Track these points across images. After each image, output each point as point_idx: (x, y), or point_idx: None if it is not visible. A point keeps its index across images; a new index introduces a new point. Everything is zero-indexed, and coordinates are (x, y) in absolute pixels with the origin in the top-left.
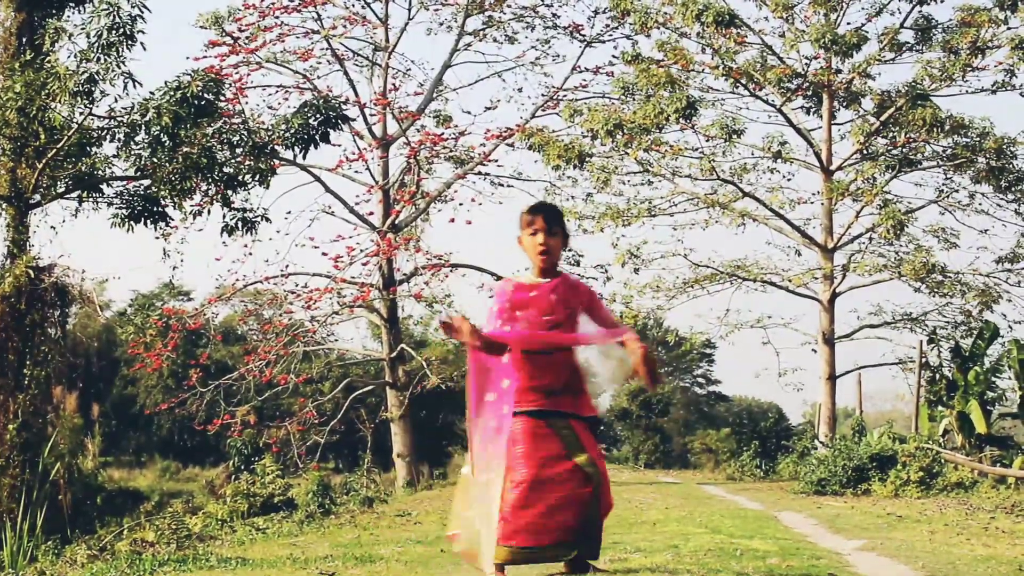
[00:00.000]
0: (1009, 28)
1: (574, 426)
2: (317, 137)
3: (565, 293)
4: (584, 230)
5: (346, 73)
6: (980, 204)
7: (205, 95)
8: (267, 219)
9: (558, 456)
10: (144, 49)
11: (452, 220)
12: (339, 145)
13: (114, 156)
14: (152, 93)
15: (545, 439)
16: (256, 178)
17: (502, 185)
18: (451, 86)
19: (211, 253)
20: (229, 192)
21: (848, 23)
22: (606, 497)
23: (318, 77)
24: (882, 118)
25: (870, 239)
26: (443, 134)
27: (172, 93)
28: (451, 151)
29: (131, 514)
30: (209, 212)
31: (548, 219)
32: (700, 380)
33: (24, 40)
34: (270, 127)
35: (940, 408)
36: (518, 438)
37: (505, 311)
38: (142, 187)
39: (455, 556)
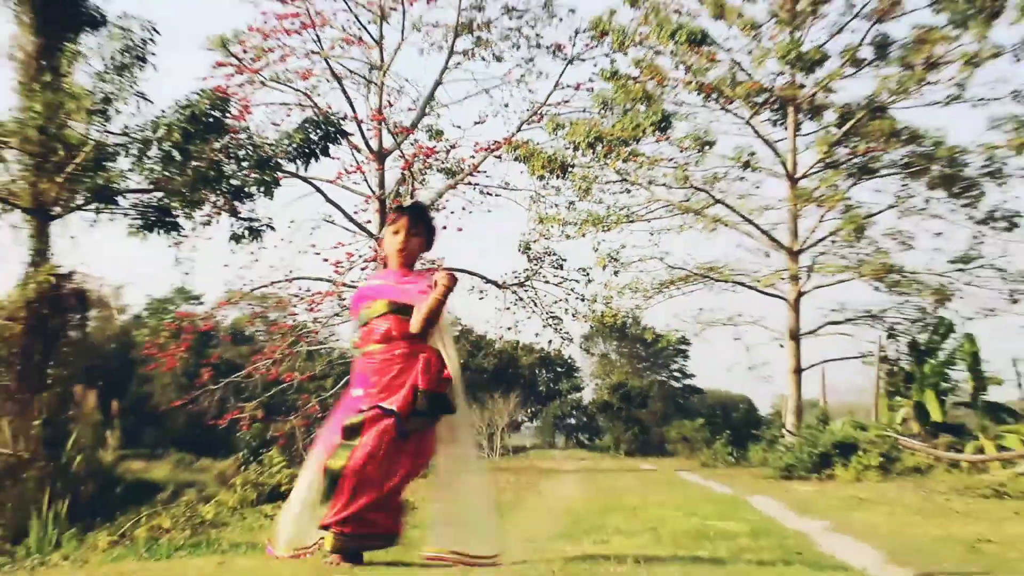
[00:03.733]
0: (960, 45)
1: (365, 418)
2: (318, 151)
3: (396, 288)
4: (567, 235)
5: (344, 91)
6: (934, 209)
7: (213, 112)
8: (272, 228)
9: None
10: (155, 70)
11: (444, 227)
12: (338, 158)
13: (129, 170)
14: (163, 111)
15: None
16: (261, 189)
17: (490, 194)
18: (442, 102)
19: (220, 260)
20: (236, 203)
21: (811, 41)
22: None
23: (318, 95)
24: (843, 129)
25: (833, 242)
26: (435, 147)
27: (182, 111)
28: (443, 163)
29: (148, 503)
30: (218, 221)
31: (412, 222)
32: (676, 374)
33: (43, 62)
34: (274, 142)
35: (898, 398)
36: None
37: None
38: (155, 199)
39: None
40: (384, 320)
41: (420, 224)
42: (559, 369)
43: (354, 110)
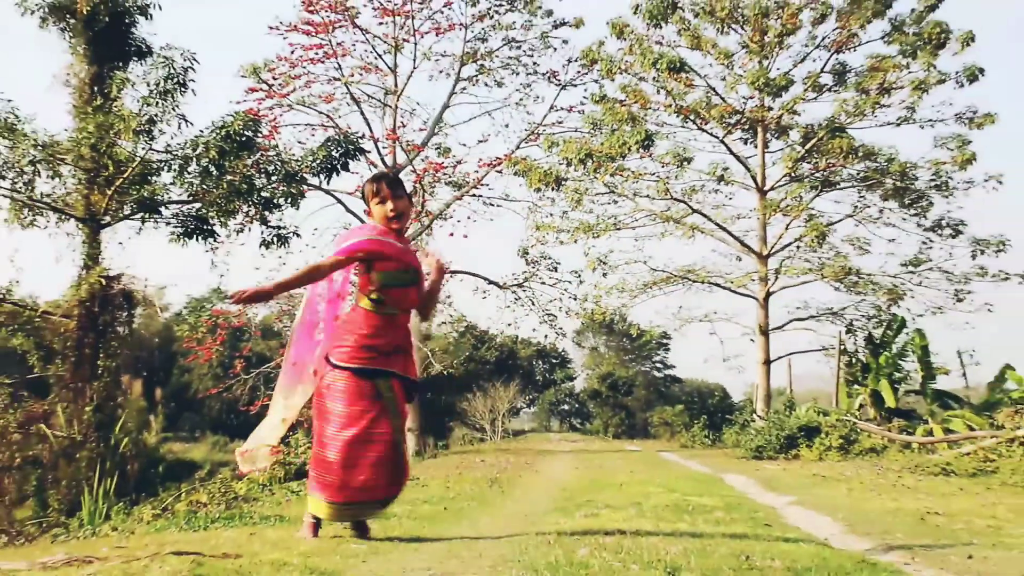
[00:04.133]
0: (910, 72)
1: (395, 388)
2: (339, 166)
3: (415, 256)
4: (560, 241)
5: (362, 113)
6: (887, 218)
7: (245, 133)
8: (297, 235)
9: (379, 416)
10: (195, 94)
11: (451, 234)
12: (357, 173)
13: (170, 184)
14: (202, 131)
15: (367, 398)
16: (288, 201)
17: (492, 205)
18: (449, 123)
19: (251, 263)
20: (266, 213)
21: (778, 68)
22: (407, 466)
23: (339, 116)
24: (806, 147)
25: (798, 247)
26: (443, 163)
27: (218, 131)
28: (450, 177)
29: (187, 480)
30: (249, 229)
31: (391, 185)
32: (658, 365)
33: (95, 88)
34: (299, 158)
35: (856, 387)
36: (338, 395)
37: (364, 250)
38: (194, 209)
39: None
40: (412, 290)
41: (400, 186)
42: (554, 361)
43: (371, 130)
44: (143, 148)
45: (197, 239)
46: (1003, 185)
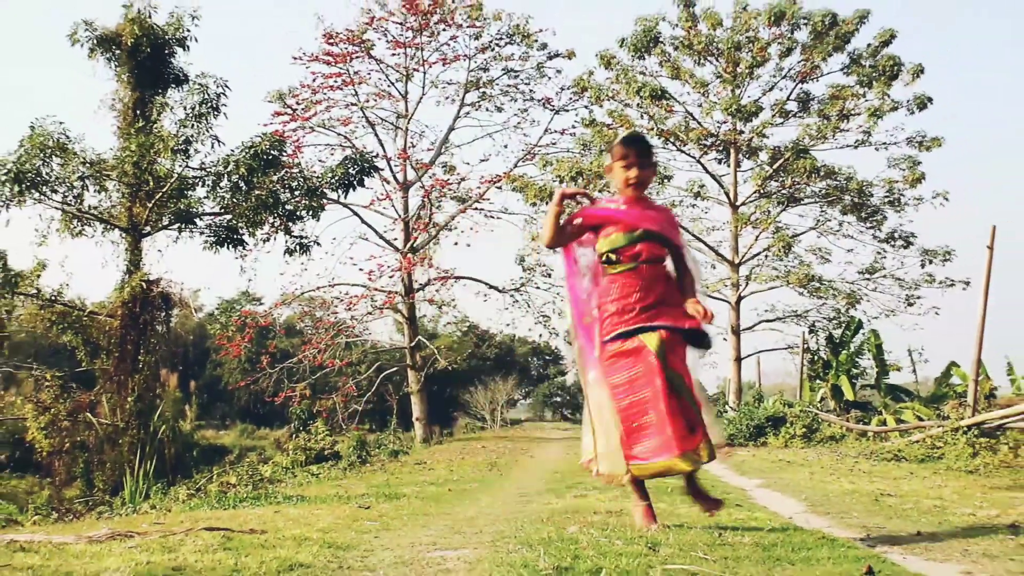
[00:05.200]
0: (866, 101)
1: (665, 339)
2: (355, 182)
3: (650, 208)
4: (554, 251)
5: (376, 135)
6: (846, 230)
7: (272, 152)
8: (318, 243)
9: (651, 371)
10: (227, 117)
11: (456, 244)
12: (371, 188)
13: (204, 197)
14: (232, 150)
15: (639, 357)
16: (310, 213)
17: (493, 217)
18: (455, 144)
19: (276, 269)
20: (289, 224)
21: (748, 96)
22: (698, 403)
23: (356, 138)
24: (774, 167)
25: (766, 256)
26: (448, 180)
27: (247, 151)
28: (455, 192)
29: (218, 463)
30: (275, 239)
31: (641, 153)
32: None
33: (138, 112)
34: (320, 175)
35: (818, 381)
36: (614, 367)
37: (593, 219)
38: (225, 220)
39: (596, 477)
40: (645, 245)
41: (650, 155)
42: (547, 357)
43: (384, 150)
44: (180, 165)
45: (228, 247)
46: (949, 201)
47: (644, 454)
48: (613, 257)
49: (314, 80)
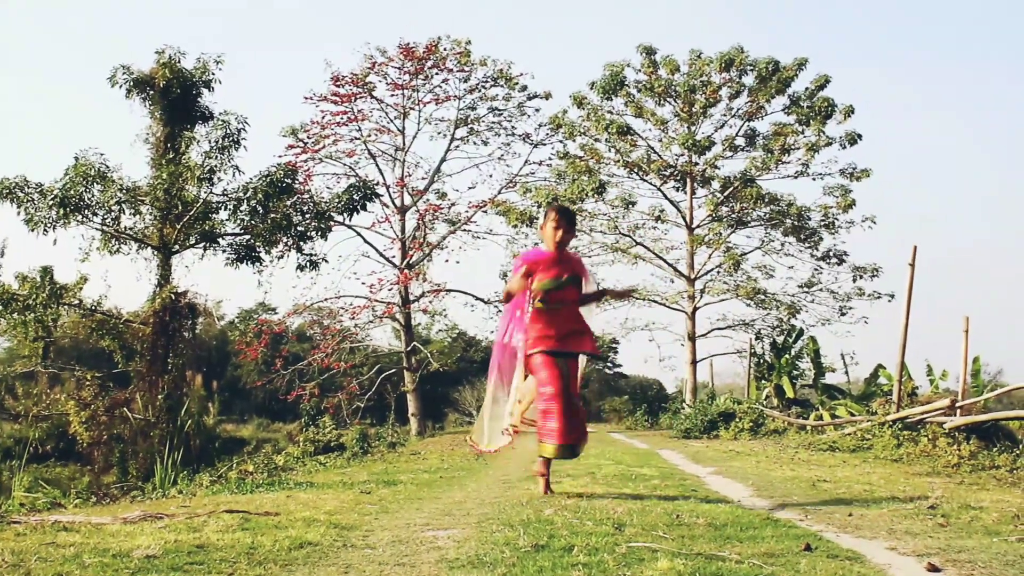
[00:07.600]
0: (805, 136)
1: (570, 365)
2: (358, 207)
3: (567, 259)
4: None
5: (377, 165)
6: (787, 249)
7: (285, 180)
8: (326, 260)
9: (556, 382)
10: (246, 150)
11: (447, 261)
12: (373, 212)
13: (226, 220)
14: (251, 179)
15: (556, 368)
16: (318, 234)
17: (479, 238)
18: (446, 173)
19: (289, 283)
20: (301, 243)
21: (702, 132)
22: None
23: (359, 167)
24: (725, 194)
25: (717, 272)
26: (440, 205)
27: (264, 179)
28: (446, 216)
29: (238, 454)
30: (288, 256)
31: (567, 221)
32: (609, 364)
33: (168, 145)
34: (328, 200)
35: (763, 381)
36: (539, 367)
37: (522, 267)
38: (244, 240)
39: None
40: (569, 290)
41: (572, 222)
42: None
43: (384, 178)
44: (205, 192)
45: (247, 263)
46: (876, 224)
47: (546, 434)
48: (542, 298)
49: (323, 117)
